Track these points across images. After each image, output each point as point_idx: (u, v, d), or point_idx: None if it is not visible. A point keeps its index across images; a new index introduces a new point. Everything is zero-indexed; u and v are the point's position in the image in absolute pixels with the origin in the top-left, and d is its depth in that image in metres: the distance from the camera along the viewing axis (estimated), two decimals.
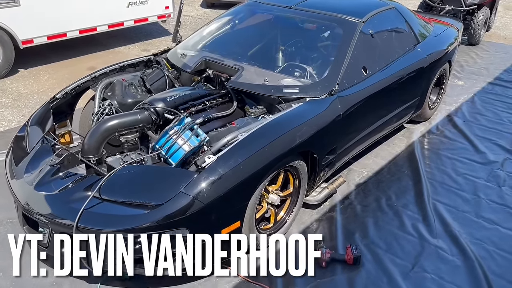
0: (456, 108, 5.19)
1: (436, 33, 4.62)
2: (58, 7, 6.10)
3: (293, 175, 3.00)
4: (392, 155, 4.17)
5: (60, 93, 3.39)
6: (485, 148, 4.28)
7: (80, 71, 6.07)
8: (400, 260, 2.90)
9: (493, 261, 2.90)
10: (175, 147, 2.70)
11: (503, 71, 6.41)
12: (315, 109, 3.02)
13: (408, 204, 3.47)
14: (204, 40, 3.97)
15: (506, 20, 9.58)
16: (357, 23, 3.54)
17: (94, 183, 2.46)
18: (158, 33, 8.16)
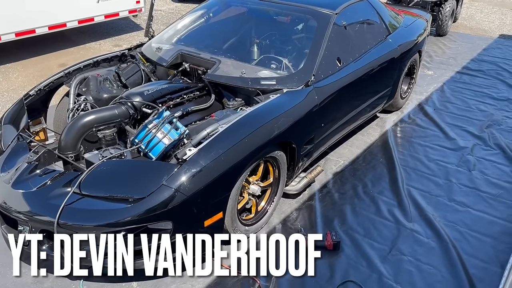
0: (427, 97, 5.34)
1: (406, 24, 4.73)
2: (26, 3, 5.92)
3: (273, 165, 3.04)
4: (367, 144, 4.27)
5: (34, 90, 3.31)
6: (455, 134, 4.44)
7: (51, 68, 5.96)
8: (378, 244, 2.99)
9: (466, 241, 3.03)
10: (155, 140, 2.70)
11: (470, 60, 6.63)
12: (292, 100, 3.07)
13: (384, 190, 3.57)
14: (179, 34, 3.95)
15: (472, 11, 9.87)
16: (331, 15, 3.60)
17: (73, 179, 2.44)
18: (129, 28, 8.04)
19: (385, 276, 2.73)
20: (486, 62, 6.53)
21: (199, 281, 2.67)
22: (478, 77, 5.96)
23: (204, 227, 2.54)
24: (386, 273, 2.75)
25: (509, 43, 7.51)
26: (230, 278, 2.69)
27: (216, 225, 2.60)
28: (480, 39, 7.73)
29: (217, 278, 2.68)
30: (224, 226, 2.70)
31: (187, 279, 2.66)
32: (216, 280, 2.67)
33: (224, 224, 2.69)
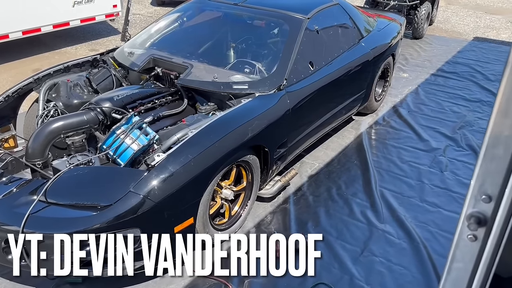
0: (401, 99, 5.41)
1: (380, 27, 4.80)
2: None
3: (246, 169, 3.04)
4: (342, 146, 4.31)
5: (2, 96, 3.25)
6: (428, 136, 4.50)
7: (25, 74, 5.83)
8: (350, 245, 3.01)
9: (436, 242, 3.08)
10: (123, 146, 2.68)
11: (445, 62, 6.74)
12: (264, 104, 3.08)
13: (357, 192, 3.60)
14: (152, 38, 3.93)
15: (447, 14, 10.06)
16: (303, 19, 3.63)
17: (40, 186, 2.40)
18: (106, 32, 7.97)
19: (357, 278, 2.75)
20: (460, 64, 6.65)
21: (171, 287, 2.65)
22: (452, 79, 6.06)
23: (174, 233, 2.52)
24: (357, 274, 2.78)
25: (483, 45, 7.67)
26: (202, 283, 2.67)
27: (187, 231, 2.58)
28: (455, 41, 7.87)
29: (189, 283, 2.67)
30: (196, 231, 2.68)
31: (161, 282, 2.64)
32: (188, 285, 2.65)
33: (196, 229, 2.67)
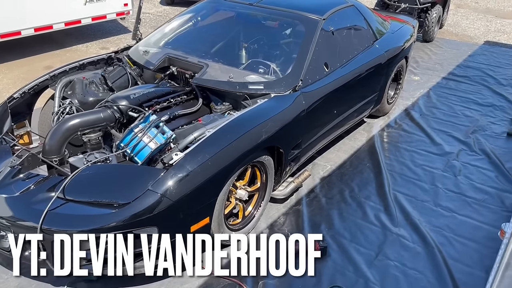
0: (413, 102, 5.39)
1: (393, 30, 4.78)
2: (12, 4, 5.85)
3: (260, 170, 3.03)
4: (354, 148, 4.29)
5: (18, 93, 3.26)
6: (441, 140, 4.48)
7: (36, 71, 5.87)
8: (364, 249, 3.00)
9: (451, 246, 3.06)
10: (141, 145, 2.67)
11: (456, 66, 6.71)
12: (280, 105, 3.07)
13: (370, 195, 3.58)
14: (166, 37, 3.94)
15: (457, 17, 10.01)
16: (318, 20, 3.61)
17: (57, 183, 2.40)
18: (116, 30, 7.98)
19: (372, 281, 2.74)
20: (472, 68, 6.62)
21: (185, 286, 2.64)
22: (464, 83, 6.03)
23: (190, 232, 2.52)
24: (372, 278, 2.76)
25: (494, 49, 7.62)
26: (216, 283, 2.67)
27: (202, 230, 2.58)
28: (466, 45, 7.83)
29: (204, 282, 2.66)
30: (211, 231, 2.68)
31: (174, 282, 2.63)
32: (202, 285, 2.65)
33: (211, 229, 2.67)
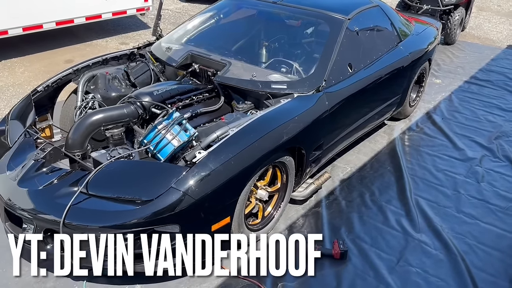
0: (435, 106, 5.30)
1: (417, 32, 4.70)
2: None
3: (281, 170, 3.00)
4: (374, 151, 4.23)
5: (42, 86, 3.28)
6: (463, 145, 4.39)
7: (57, 64, 5.93)
8: (386, 254, 2.95)
9: (475, 255, 2.99)
10: (164, 142, 2.66)
11: (478, 70, 6.58)
12: (303, 105, 3.03)
13: (391, 199, 3.53)
14: (189, 34, 3.92)
15: (479, 20, 9.83)
16: (343, 20, 3.56)
17: (81, 178, 2.40)
18: (136, 26, 8.01)
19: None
20: (494, 73, 6.48)
21: (203, 286, 2.63)
22: (487, 87, 5.91)
23: (211, 231, 2.50)
24: (393, 284, 2.71)
25: None
26: (235, 283, 2.65)
27: (223, 230, 2.56)
28: (488, 49, 7.68)
29: (222, 282, 2.64)
30: (231, 230, 2.65)
31: (192, 281, 2.62)
32: (221, 285, 2.63)
33: (231, 229, 2.65)
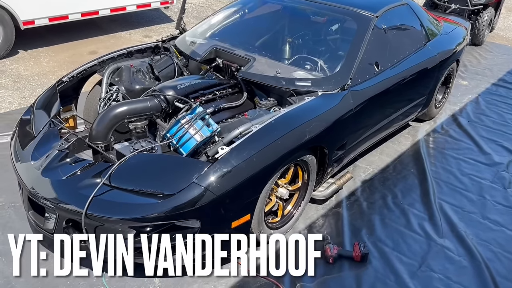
0: (461, 108, 5.17)
1: (446, 31, 4.58)
2: None
3: (303, 169, 2.96)
4: (398, 152, 4.15)
5: (67, 77, 3.30)
6: (490, 149, 4.27)
7: (81, 55, 5.99)
8: (407, 258, 2.88)
9: (500, 263, 2.90)
10: (187, 136, 2.64)
11: (507, 72, 6.40)
12: (328, 104, 2.98)
13: (414, 202, 3.45)
14: (213, 29, 3.90)
15: (508, 22, 9.56)
16: (371, 17, 3.49)
17: (104, 170, 2.40)
18: (160, 19, 8.03)
19: None
20: None
21: (221, 282, 2.61)
22: None
23: (231, 228, 2.48)
24: None
25: None
26: (253, 282, 2.63)
27: (243, 227, 2.54)
28: None
29: (240, 280, 2.63)
30: (251, 228, 2.63)
31: (210, 279, 2.60)
32: (239, 282, 2.61)
33: (251, 226, 2.62)
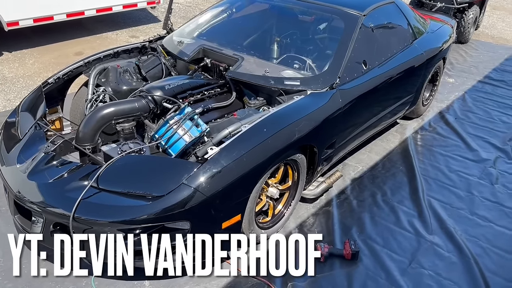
0: (448, 105, 5.22)
1: (432, 29, 4.61)
2: None
3: (293, 168, 2.95)
4: (386, 150, 4.17)
5: (52, 78, 3.25)
6: (477, 146, 4.32)
7: (67, 56, 5.91)
8: (397, 256, 2.90)
9: (489, 258, 2.93)
10: (175, 137, 2.62)
11: (492, 69, 6.48)
12: (317, 102, 2.98)
13: (404, 200, 3.47)
14: (200, 28, 3.87)
15: (493, 19, 9.68)
16: (359, 16, 3.49)
17: (91, 172, 2.37)
18: (146, 19, 7.97)
19: None
20: (509, 73, 6.37)
21: (212, 283, 2.60)
22: (501, 88, 5.81)
23: (222, 229, 2.46)
24: (405, 286, 2.66)
25: None
26: (244, 282, 2.61)
27: (233, 227, 2.52)
28: (502, 48, 7.56)
29: (232, 281, 2.61)
30: (241, 228, 2.62)
31: (201, 280, 2.59)
32: (231, 283, 2.60)
33: (242, 226, 2.61)
